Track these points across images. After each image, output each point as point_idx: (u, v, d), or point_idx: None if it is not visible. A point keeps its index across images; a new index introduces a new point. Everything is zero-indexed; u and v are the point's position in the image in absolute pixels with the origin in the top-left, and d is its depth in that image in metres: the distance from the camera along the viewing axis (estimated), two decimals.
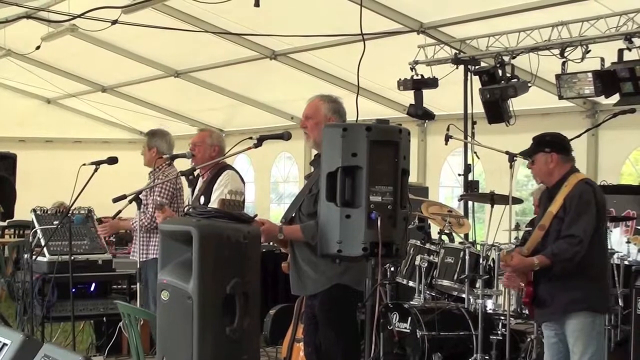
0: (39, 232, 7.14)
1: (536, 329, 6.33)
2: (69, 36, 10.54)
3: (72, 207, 6.69)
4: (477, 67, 8.86)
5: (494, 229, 6.86)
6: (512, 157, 6.41)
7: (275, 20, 9.70)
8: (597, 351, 4.94)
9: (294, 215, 4.79)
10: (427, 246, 7.21)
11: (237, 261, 4.04)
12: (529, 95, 8.50)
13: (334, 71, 10.80)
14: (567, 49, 7.87)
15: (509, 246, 5.08)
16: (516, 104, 8.61)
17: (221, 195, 5.71)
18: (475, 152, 8.76)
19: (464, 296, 6.92)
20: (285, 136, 4.98)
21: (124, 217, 6.82)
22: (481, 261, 6.69)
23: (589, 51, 7.71)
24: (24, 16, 9.71)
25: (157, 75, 13.02)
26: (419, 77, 8.93)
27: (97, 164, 6.19)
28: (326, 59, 10.58)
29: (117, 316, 5.89)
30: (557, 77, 7.98)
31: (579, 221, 4.90)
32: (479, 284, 6.61)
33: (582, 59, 7.74)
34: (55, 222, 7.04)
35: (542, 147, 5.13)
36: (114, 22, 8.46)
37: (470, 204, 8.97)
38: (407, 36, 9.14)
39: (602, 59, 7.64)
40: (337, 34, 9.33)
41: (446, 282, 7.05)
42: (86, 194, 6.16)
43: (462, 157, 9.14)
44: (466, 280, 6.79)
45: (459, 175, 9.28)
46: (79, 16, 8.28)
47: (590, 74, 7.68)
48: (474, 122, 8.97)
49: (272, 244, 4.87)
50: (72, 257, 6.71)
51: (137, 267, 6.30)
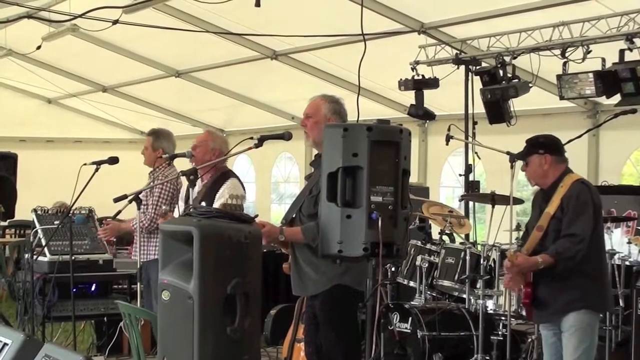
0: (39, 232, 7.15)
1: (537, 329, 6.32)
2: (70, 36, 10.54)
3: (73, 207, 6.69)
4: (478, 68, 8.85)
5: (495, 230, 6.85)
6: (513, 157, 6.40)
7: (276, 20, 9.70)
8: (589, 347, 4.97)
9: (295, 216, 4.79)
10: (428, 246, 7.21)
11: (238, 261, 4.04)
12: (530, 95, 8.49)
13: (335, 71, 10.79)
14: (568, 49, 7.86)
15: (514, 246, 5.07)
16: (517, 105, 8.60)
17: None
18: (476, 153, 8.76)
19: (464, 296, 6.91)
20: (286, 136, 4.98)
21: (124, 218, 6.83)
22: (482, 261, 6.68)
23: (590, 51, 7.70)
24: (24, 16, 9.70)
25: (158, 75, 13.01)
26: (420, 77, 8.92)
27: (98, 163, 6.20)
28: (327, 59, 10.57)
29: (118, 316, 5.90)
30: (558, 77, 7.97)
31: (578, 220, 4.93)
32: (479, 284, 6.61)
33: (583, 59, 7.72)
34: (56, 222, 7.05)
35: (535, 149, 5.16)
36: (115, 22, 8.46)
37: (471, 204, 8.97)
38: (408, 36, 9.13)
39: (603, 60, 7.63)
40: (338, 34, 9.33)
41: (447, 283, 7.05)
42: (87, 194, 6.16)
43: (463, 158, 9.12)
44: (467, 280, 6.78)
45: (460, 175, 9.27)
46: (79, 16, 8.27)
47: (591, 75, 7.67)
48: (475, 123, 8.96)
49: (272, 244, 4.86)
50: (73, 257, 6.71)
51: (138, 267, 6.31)
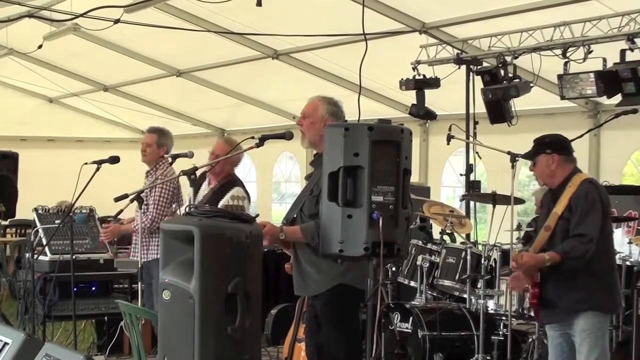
0: (40, 231, 7.15)
1: (537, 329, 6.32)
2: (71, 35, 10.55)
3: (74, 206, 6.69)
4: (479, 67, 8.85)
5: (496, 229, 6.86)
6: (514, 157, 6.39)
7: (277, 19, 9.70)
8: (602, 351, 4.93)
9: (296, 216, 4.79)
10: (429, 246, 7.20)
11: (238, 260, 4.03)
12: (531, 95, 8.49)
13: (336, 71, 10.79)
14: (570, 49, 7.86)
15: (519, 246, 5.06)
16: (518, 104, 8.60)
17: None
18: (477, 152, 8.76)
19: (465, 296, 6.91)
20: (287, 136, 4.98)
21: (124, 217, 6.83)
22: (483, 261, 6.68)
23: (591, 51, 7.70)
24: (26, 15, 9.72)
25: (159, 74, 13.01)
26: (421, 77, 8.92)
27: (99, 163, 6.19)
28: (328, 59, 10.57)
29: (119, 315, 5.90)
30: (559, 77, 7.97)
31: (586, 220, 4.89)
32: (480, 284, 6.61)
33: (585, 59, 7.73)
34: (56, 222, 7.04)
35: (543, 148, 5.12)
36: (116, 21, 8.47)
37: (472, 204, 8.97)
38: (409, 36, 9.13)
39: (605, 60, 7.63)
40: (339, 34, 9.33)
41: (448, 282, 7.04)
42: (88, 193, 6.16)
43: (464, 157, 9.12)
44: (468, 280, 6.78)
45: (461, 175, 9.27)
46: (81, 15, 8.28)
47: (592, 75, 7.67)
48: (476, 122, 8.96)
49: (273, 244, 4.87)
50: (74, 257, 6.71)
51: (139, 266, 6.30)
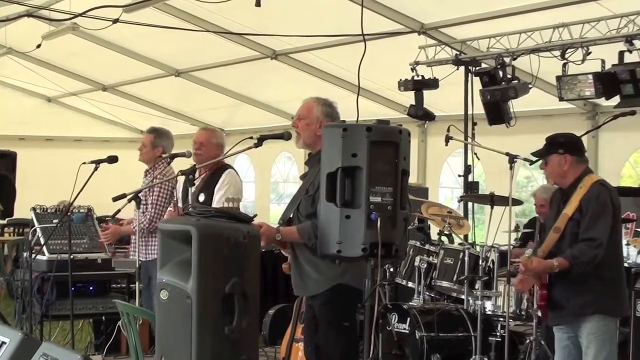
0: (38, 230, 7.14)
1: (535, 330, 6.32)
2: (70, 35, 10.54)
3: (72, 206, 6.69)
4: (477, 68, 8.86)
5: (494, 230, 6.86)
6: (512, 158, 6.40)
7: (276, 20, 9.70)
8: (609, 355, 4.91)
9: (292, 216, 4.79)
10: (427, 247, 7.20)
11: (236, 261, 4.03)
12: (529, 96, 8.50)
13: (335, 71, 10.79)
14: (568, 51, 7.86)
15: (529, 251, 5.03)
16: (517, 106, 8.61)
17: (225, 195, 5.74)
18: (475, 153, 8.76)
19: (463, 297, 6.91)
20: (285, 136, 4.98)
21: (123, 217, 6.82)
22: (480, 262, 6.68)
23: (590, 53, 7.71)
24: (25, 14, 9.71)
25: (157, 74, 13.01)
26: (420, 78, 8.93)
27: (97, 162, 6.19)
28: (327, 59, 10.57)
29: (116, 315, 5.89)
30: (558, 78, 7.97)
31: (597, 224, 4.85)
32: (478, 285, 6.61)
33: (583, 60, 7.73)
34: (54, 221, 7.04)
35: (555, 148, 5.04)
36: (115, 21, 8.46)
37: (470, 205, 8.98)
38: (407, 37, 9.13)
39: (603, 61, 7.64)
40: (338, 34, 9.33)
41: (445, 283, 7.05)
42: (86, 193, 6.16)
43: (462, 158, 9.13)
44: (465, 281, 6.78)
45: (459, 176, 9.27)
46: (80, 15, 8.28)
47: (590, 76, 7.68)
48: (474, 123, 8.97)
49: (270, 245, 4.86)
50: (72, 256, 6.71)
51: (137, 266, 6.30)
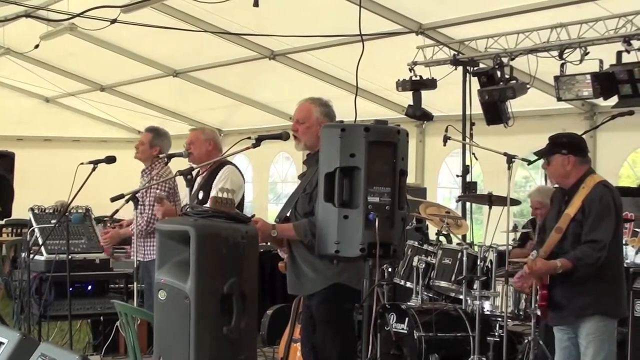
0: (36, 230, 7.15)
1: (533, 330, 6.33)
2: (68, 35, 10.53)
3: (70, 206, 6.69)
4: (475, 69, 8.85)
5: (492, 230, 6.86)
6: (510, 158, 6.40)
7: (274, 20, 9.69)
8: (608, 355, 4.90)
9: (290, 215, 4.79)
10: (425, 247, 7.20)
11: (234, 261, 4.04)
12: (527, 96, 8.49)
13: (333, 71, 10.79)
14: (566, 51, 7.86)
15: (534, 253, 5.02)
16: (515, 106, 8.60)
17: (219, 186, 5.74)
18: (473, 154, 8.76)
19: (461, 297, 6.92)
20: (283, 136, 4.99)
21: (121, 217, 6.82)
22: (479, 262, 6.68)
23: (588, 53, 7.71)
24: (23, 15, 9.71)
25: (155, 74, 13.00)
26: (418, 78, 8.92)
27: (95, 163, 6.19)
28: (325, 60, 10.57)
29: (114, 315, 5.90)
30: (556, 78, 7.97)
31: (600, 226, 4.83)
32: (476, 285, 6.61)
33: (581, 60, 7.73)
34: (52, 221, 7.04)
35: (559, 148, 5.01)
36: (113, 21, 8.46)
37: (468, 205, 8.97)
38: (405, 37, 9.13)
39: (601, 61, 7.64)
40: (336, 35, 9.32)
41: (444, 283, 7.05)
42: (84, 193, 6.16)
43: (461, 158, 9.13)
44: (464, 281, 6.79)
45: (457, 176, 9.27)
46: (78, 15, 8.28)
47: (588, 76, 7.68)
48: (473, 124, 8.96)
49: (268, 243, 4.86)
50: (70, 256, 6.71)
51: (135, 266, 6.30)
